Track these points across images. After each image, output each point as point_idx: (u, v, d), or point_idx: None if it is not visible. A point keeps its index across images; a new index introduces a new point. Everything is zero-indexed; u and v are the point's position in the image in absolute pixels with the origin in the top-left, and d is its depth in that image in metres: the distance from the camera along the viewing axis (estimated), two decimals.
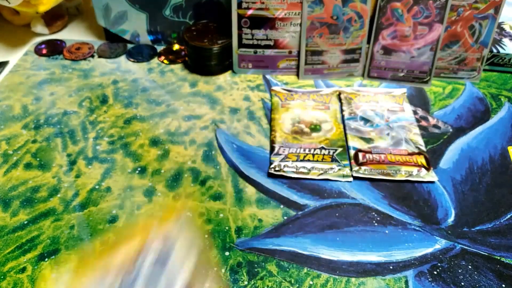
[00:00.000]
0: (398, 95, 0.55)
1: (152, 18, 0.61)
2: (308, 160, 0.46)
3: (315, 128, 0.50)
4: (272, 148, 0.47)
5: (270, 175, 0.45)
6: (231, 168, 0.46)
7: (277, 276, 0.37)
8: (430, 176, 0.45)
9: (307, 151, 0.47)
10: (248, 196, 0.43)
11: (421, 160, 0.46)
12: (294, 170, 0.45)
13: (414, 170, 0.45)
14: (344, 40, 0.56)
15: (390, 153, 0.47)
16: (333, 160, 0.46)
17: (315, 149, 0.47)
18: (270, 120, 0.52)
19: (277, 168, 0.45)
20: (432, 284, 0.36)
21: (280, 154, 0.46)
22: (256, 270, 0.37)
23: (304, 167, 0.45)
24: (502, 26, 0.63)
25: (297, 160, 0.46)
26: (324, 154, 0.46)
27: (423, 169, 0.45)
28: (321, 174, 0.45)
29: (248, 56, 0.58)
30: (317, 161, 0.46)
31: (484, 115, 0.53)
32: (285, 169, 0.45)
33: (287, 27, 0.55)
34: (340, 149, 0.47)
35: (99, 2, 0.60)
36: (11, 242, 0.39)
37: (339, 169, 0.45)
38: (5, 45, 0.65)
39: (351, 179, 0.45)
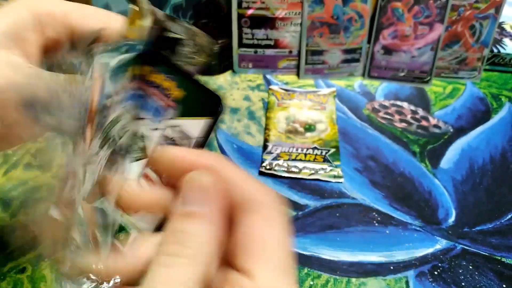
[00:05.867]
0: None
1: None
2: (300, 160, 0.46)
3: (309, 128, 0.49)
4: (265, 147, 0.47)
5: (261, 173, 0.45)
6: None
7: None
8: None
9: (299, 151, 0.47)
10: None
11: None
12: (285, 169, 0.45)
13: None
14: (345, 39, 0.56)
15: None
16: (325, 160, 0.46)
17: (307, 149, 0.47)
18: (266, 119, 0.51)
19: (268, 167, 0.45)
20: (433, 284, 0.36)
21: (272, 153, 0.46)
22: None
23: (295, 167, 0.45)
24: (502, 26, 0.63)
25: (288, 159, 0.46)
26: (316, 154, 0.46)
27: None
28: (312, 174, 0.45)
29: (249, 55, 0.58)
30: (309, 161, 0.46)
31: (484, 115, 0.53)
32: (276, 168, 0.45)
33: (288, 26, 0.55)
34: (333, 150, 0.47)
35: (99, 1, 0.60)
36: None
37: (331, 170, 0.45)
38: None
39: (342, 180, 0.44)
